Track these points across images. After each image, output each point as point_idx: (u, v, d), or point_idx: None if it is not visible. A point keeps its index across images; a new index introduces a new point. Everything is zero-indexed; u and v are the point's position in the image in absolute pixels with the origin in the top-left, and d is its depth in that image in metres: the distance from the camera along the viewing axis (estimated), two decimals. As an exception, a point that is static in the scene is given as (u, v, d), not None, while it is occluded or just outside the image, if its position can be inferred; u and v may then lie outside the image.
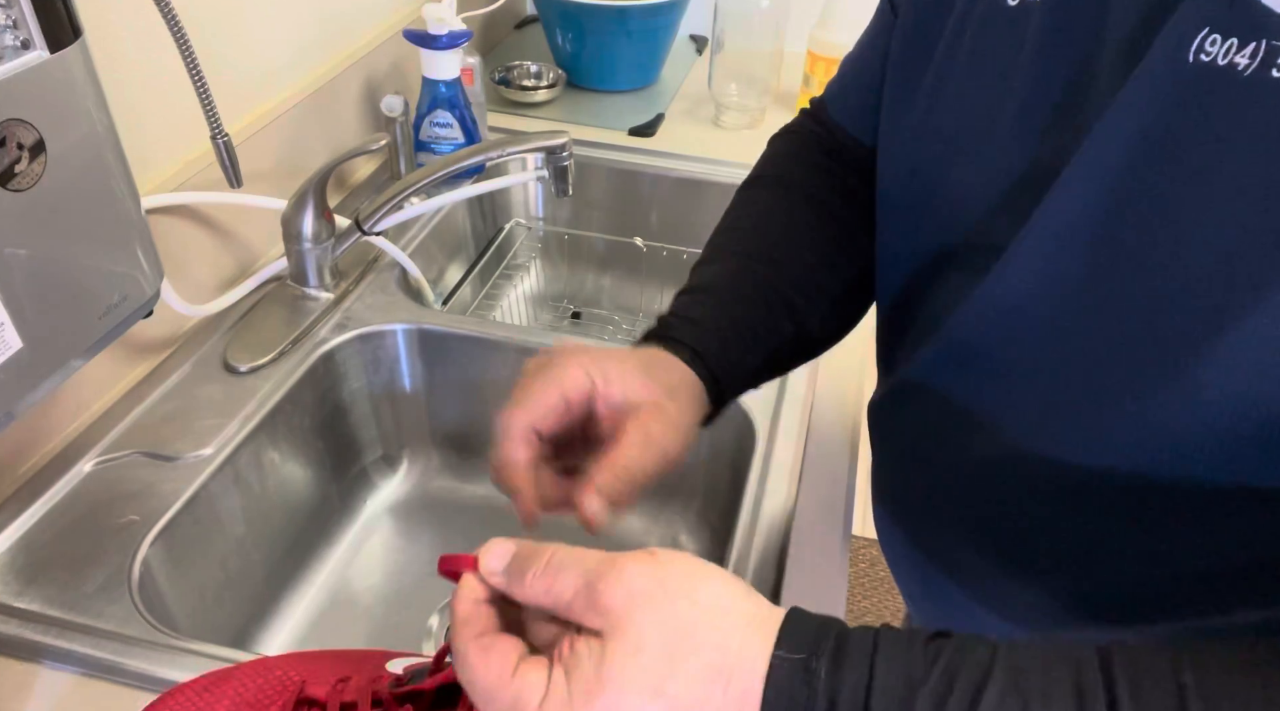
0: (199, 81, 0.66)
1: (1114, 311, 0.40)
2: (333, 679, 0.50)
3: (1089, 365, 0.41)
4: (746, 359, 0.54)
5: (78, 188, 0.54)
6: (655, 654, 0.34)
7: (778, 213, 0.60)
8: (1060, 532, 0.47)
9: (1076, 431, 0.43)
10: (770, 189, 0.62)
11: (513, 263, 1.23)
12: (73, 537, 0.66)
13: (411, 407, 0.94)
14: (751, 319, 0.55)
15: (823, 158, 0.62)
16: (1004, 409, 0.47)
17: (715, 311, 0.55)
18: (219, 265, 0.88)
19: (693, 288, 0.57)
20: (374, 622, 0.83)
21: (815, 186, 0.61)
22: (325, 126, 1.01)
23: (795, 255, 0.58)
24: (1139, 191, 0.37)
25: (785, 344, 0.56)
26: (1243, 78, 0.33)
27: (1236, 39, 0.33)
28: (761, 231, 0.59)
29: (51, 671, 0.60)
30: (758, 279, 0.56)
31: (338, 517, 0.90)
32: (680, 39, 1.44)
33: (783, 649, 0.35)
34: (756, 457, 0.77)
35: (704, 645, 0.35)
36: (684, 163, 1.17)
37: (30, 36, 0.49)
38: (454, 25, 1.02)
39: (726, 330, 0.54)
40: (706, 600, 0.36)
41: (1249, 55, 0.33)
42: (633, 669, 0.34)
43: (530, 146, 0.87)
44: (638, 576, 0.36)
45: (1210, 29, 0.34)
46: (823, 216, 0.59)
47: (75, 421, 0.74)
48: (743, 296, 0.56)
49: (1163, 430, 0.39)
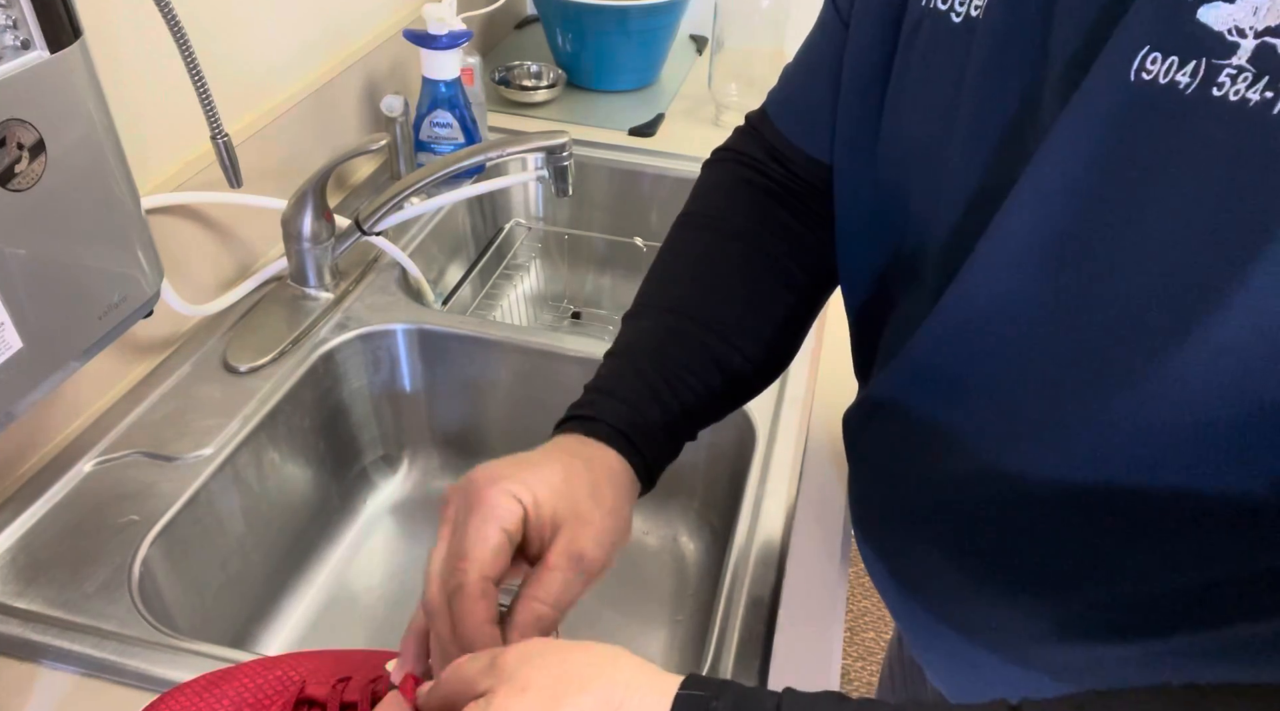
0: (199, 81, 0.66)
1: (1069, 328, 0.40)
2: (333, 679, 0.50)
3: (1050, 381, 0.41)
4: (673, 425, 0.53)
5: (78, 188, 0.54)
6: (541, 692, 0.36)
7: (706, 257, 0.59)
8: (1036, 552, 0.46)
9: (1043, 447, 0.43)
10: (700, 230, 0.61)
11: (513, 263, 1.23)
12: (73, 537, 0.66)
13: (411, 407, 0.94)
14: (676, 380, 0.54)
15: (755, 185, 0.61)
16: (969, 426, 0.47)
17: (637, 382, 0.53)
18: (219, 265, 0.88)
19: (617, 351, 0.56)
20: (374, 622, 0.83)
21: (745, 221, 0.60)
22: (325, 126, 1.01)
23: (723, 303, 0.57)
24: (1087, 210, 0.38)
25: (715, 397, 0.55)
26: (1184, 96, 0.34)
27: (1177, 58, 0.33)
28: (688, 281, 0.58)
29: (51, 671, 0.60)
30: (683, 334, 0.55)
31: (338, 517, 0.90)
32: (680, 39, 1.44)
33: (685, 689, 0.36)
34: (756, 457, 0.77)
35: (593, 682, 0.36)
36: (684, 163, 1.17)
37: (30, 36, 0.49)
38: (454, 25, 1.02)
39: (650, 401, 0.53)
40: (601, 653, 0.38)
41: (1189, 74, 0.33)
42: (518, 706, 0.35)
43: (530, 146, 0.87)
44: (536, 643, 0.39)
45: (1150, 47, 0.34)
46: (752, 254, 0.58)
47: (75, 421, 0.74)
48: (668, 357, 0.54)
49: (1126, 442, 0.40)
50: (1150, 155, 0.35)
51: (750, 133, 0.64)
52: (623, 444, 0.51)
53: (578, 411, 0.53)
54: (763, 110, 0.63)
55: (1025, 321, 0.41)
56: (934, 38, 0.45)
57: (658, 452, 0.53)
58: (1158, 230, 0.36)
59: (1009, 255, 0.41)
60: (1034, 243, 0.40)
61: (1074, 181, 0.37)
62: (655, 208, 1.19)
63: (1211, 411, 0.36)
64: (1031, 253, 0.40)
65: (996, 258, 0.41)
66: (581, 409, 0.53)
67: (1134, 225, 0.36)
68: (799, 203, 0.60)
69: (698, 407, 0.55)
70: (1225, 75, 0.33)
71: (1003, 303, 0.42)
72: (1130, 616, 0.44)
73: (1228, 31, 0.32)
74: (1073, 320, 0.40)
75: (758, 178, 0.61)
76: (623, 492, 0.50)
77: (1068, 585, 0.46)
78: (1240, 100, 0.32)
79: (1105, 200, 0.37)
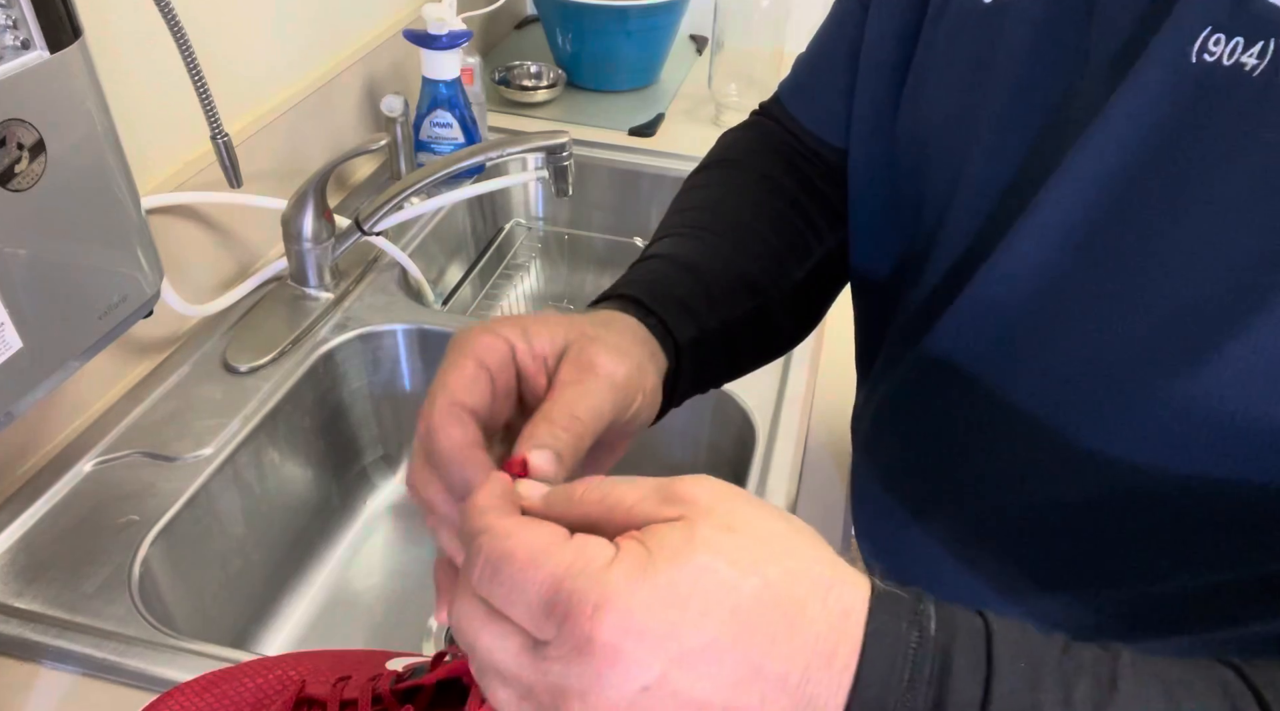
0: (199, 81, 0.66)
1: (1110, 320, 0.39)
2: (333, 677, 0.50)
3: (1087, 373, 0.40)
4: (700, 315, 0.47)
5: (78, 188, 0.54)
6: (750, 537, 0.29)
7: (734, 192, 0.55)
8: (1047, 551, 0.46)
9: (1071, 446, 0.42)
10: (725, 170, 0.57)
11: (513, 263, 1.23)
12: (73, 537, 0.66)
13: (411, 408, 0.94)
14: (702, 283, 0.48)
15: (781, 146, 0.59)
16: (988, 422, 0.46)
17: (665, 270, 0.48)
18: (219, 265, 0.88)
19: (636, 262, 0.51)
20: (374, 622, 0.83)
21: (772, 172, 0.56)
22: (325, 126, 1.01)
23: (755, 233, 0.52)
24: (1141, 195, 0.36)
25: (745, 318, 0.50)
26: (1251, 78, 0.32)
27: (1242, 38, 0.32)
28: (717, 209, 0.54)
29: (51, 671, 0.60)
30: (714, 250, 0.50)
31: (338, 517, 0.90)
32: (680, 39, 1.44)
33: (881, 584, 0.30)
34: (756, 457, 0.77)
35: (800, 549, 0.30)
36: (684, 163, 1.17)
37: (30, 36, 0.49)
38: (454, 25, 1.02)
39: (673, 285, 0.47)
40: (797, 521, 0.31)
41: (1257, 55, 0.32)
42: (728, 543, 0.28)
43: (530, 146, 0.86)
44: (718, 483, 0.30)
45: (1213, 28, 0.33)
46: (782, 199, 0.55)
47: (75, 421, 0.74)
48: (691, 265, 0.49)
49: (1158, 441, 0.39)
50: (1213, 137, 0.34)
51: (764, 116, 0.62)
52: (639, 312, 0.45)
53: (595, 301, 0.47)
54: (775, 97, 0.62)
55: (1057, 311, 0.40)
56: (960, 19, 0.44)
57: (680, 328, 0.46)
58: (1217, 217, 0.35)
59: (1046, 241, 0.39)
60: (1076, 228, 0.38)
61: (1126, 166, 0.36)
62: (655, 208, 1.19)
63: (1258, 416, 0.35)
64: (1071, 238, 0.39)
65: (1033, 243, 0.40)
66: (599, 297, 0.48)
67: (1192, 211, 0.35)
68: (820, 176, 0.58)
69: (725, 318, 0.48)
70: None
71: (1034, 290, 0.41)
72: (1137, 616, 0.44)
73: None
74: (1111, 313, 0.38)
75: (781, 141, 0.59)
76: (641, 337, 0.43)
77: (1076, 584, 0.46)
78: None
79: (1161, 184, 0.36)
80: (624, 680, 0.27)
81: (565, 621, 0.27)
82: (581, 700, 0.27)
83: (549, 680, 0.28)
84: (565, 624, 0.27)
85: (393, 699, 0.47)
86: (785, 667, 0.27)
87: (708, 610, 0.27)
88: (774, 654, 0.27)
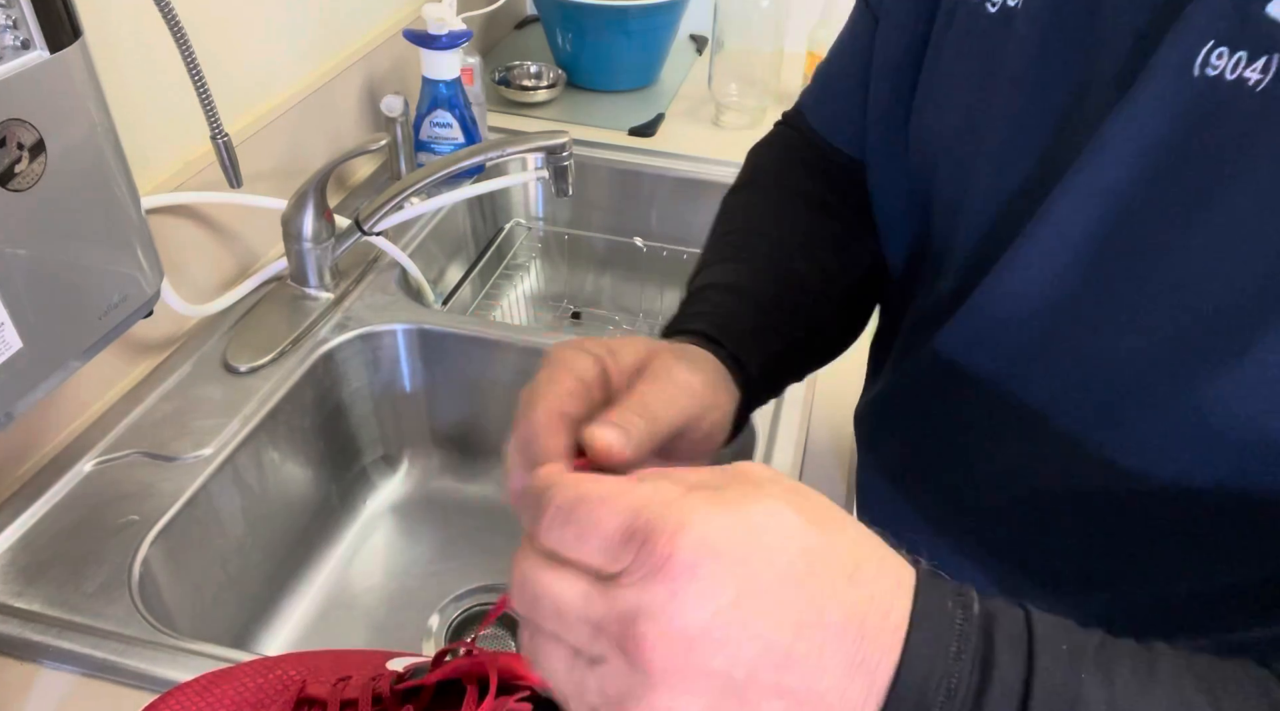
0: (199, 81, 0.66)
1: (1117, 333, 0.38)
2: (333, 678, 0.50)
3: (1087, 383, 0.40)
4: (766, 341, 0.49)
5: (78, 188, 0.54)
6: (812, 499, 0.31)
7: (772, 215, 0.57)
8: (1053, 554, 0.46)
9: (1080, 451, 0.42)
10: (763, 192, 0.59)
11: (513, 263, 1.23)
12: (73, 537, 0.66)
13: (411, 407, 0.94)
14: (762, 310, 0.50)
15: (809, 156, 0.60)
16: (996, 426, 0.46)
17: (724, 301, 0.50)
18: (219, 265, 0.88)
19: (695, 291, 0.52)
20: (374, 622, 0.83)
21: (809, 187, 0.58)
22: (325, 126, 1.01)
23: (800, 249, 0.54)
24: (1147, 209, 0.36)
25: (798, 341, 0.52)
26: (1255, 92, 0.32)
27: (1246, 52, 0.32)
28: (757, 234, 0.56)
29: (51, 671, 0.60)
30: (762, 280, 0.53)
31: (338, 517, 0.90)
32: (680, 39, 1.44)
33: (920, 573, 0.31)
34: (756, 458, 0.77)
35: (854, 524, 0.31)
36: (684, 163, 1.17)
37: (30, 36, 0.49)
38: (454, 25, 1.02)
39: (739, 319, 0.49)
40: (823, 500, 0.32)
41: (1260, 70, 0.32)
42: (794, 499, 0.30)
43: (530, 146, 0.86)
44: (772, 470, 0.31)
45: (1216, 42, 0.33)
46: (819, 217, 0.57)
47: (75, 421, 0.74)
48: (750, 292, 0.51)
49: (1163, 449, 0.39)
50: (1217, 151, 0.34)
51: (787, 127, 0.63)
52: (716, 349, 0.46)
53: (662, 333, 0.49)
54: (797, 108, 0.62)
55: (1063, 318, 0.40)
56: (967, 27, 0.44)
57: (749, 358, 0.47)
58: (1220, 233, 0.34)
59: (1054, 249, 0.39)
60: (1084, 238, 0.38)
61: (1133, 176, 0.36)
62: (655, 208, 1.19)
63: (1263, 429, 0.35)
64: (1080, 247, 0.39)
65: (1041, 251, 0.40)
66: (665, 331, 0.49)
67: (1197, 223, 0.35)
68: (848, 187, 0.58)
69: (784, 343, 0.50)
70: None
71: (1042, 298, 0.40)
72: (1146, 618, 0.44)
73: None
74: (1118, 322, 0.38)
75: (808, 154, 0.60)
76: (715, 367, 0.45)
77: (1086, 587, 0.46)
78: None
79: (1166, 196, 0.36)
80: (699, 598, 0.27)
81: (645, 543, 0.28)
82: (653, 620, 0.27)
83: (620, 607, 0.28)
84: (645, 546, 0.28)
85: (393, 699, 0.47)
86: (845, 617, 0.28)
87: (780, 545, 0.28)
88: (838, 601, 0.28)
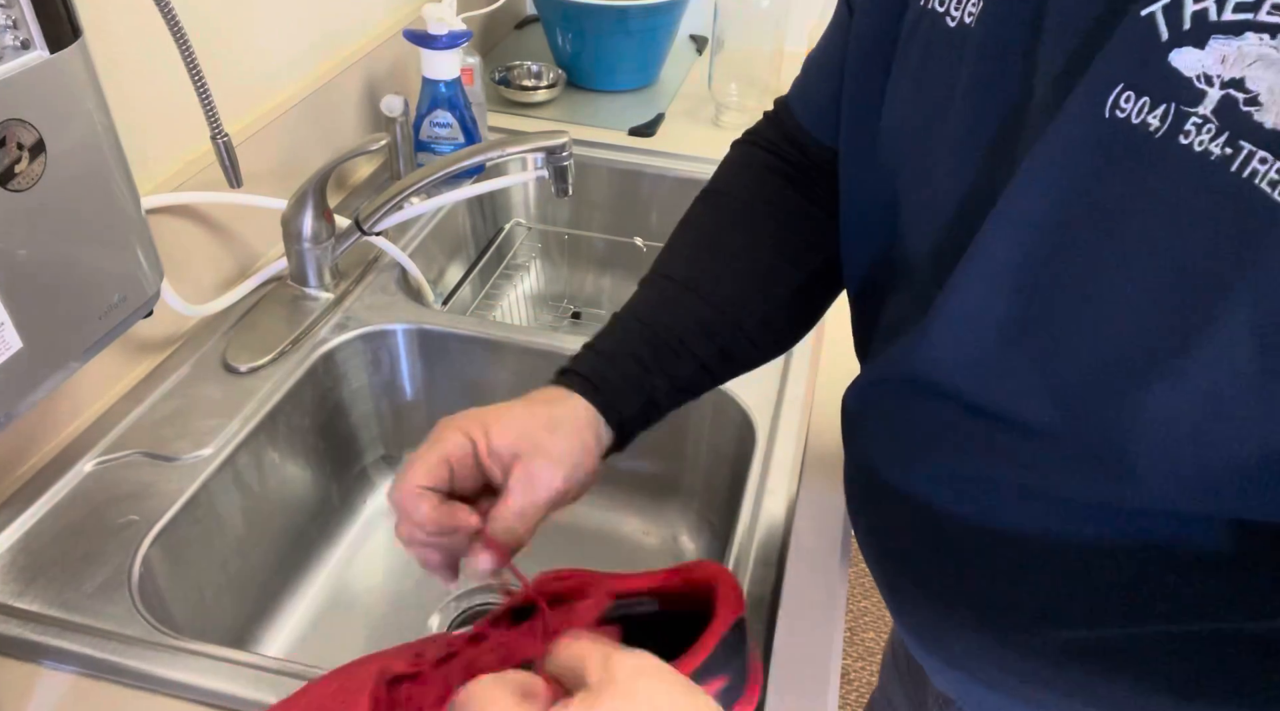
0: (199, 81, 0.66)
1: (1065, 350, 0.39)
2: (409, 653, 0.51)
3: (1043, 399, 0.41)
4: (646, 382, 0.55)
5: (78, 188, 0.54)
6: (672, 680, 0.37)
7: (713, 230, 0.61)
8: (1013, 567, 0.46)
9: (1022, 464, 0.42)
10: (711, 205, 0.62)
11: (513, 263, 1.23)
12: (73, 537, 0.66)
13: (412, 408, 0.94)
14: (662, 343, 0.56)
15: (770, 167, 0.62)
16: (950, 441, 0.46)
17: (622, 340, 0.56)
18: (219, 265, 0.88)
19: (617, 313, 0.59)
20: (374, 622, 0.83)
21: (754, 198, 0.61)
22: (325, 126, 1.01)
23: (723, 275, 0.58)
24: (1063, 241, 0.37)
25: (702, 367, 0.57)
26: (1154, 139, 0.33)
27: (1149, 99, 0.33)
28: (693, 252, 0.60)
29: (51, 671, 0.60)
30: (678, 302, 0.57)
31: (338, 517, 0.90)
32: (680, 39, 1.44)
33: None
34: (756, 457, 0.77)
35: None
36: (684, 163, 1.17)
37: (30, 36, 0.49)
38: (454, 25, 1.02)
39: (629, 357, 0.56)
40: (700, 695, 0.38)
41: (1159, 118, 0.33)
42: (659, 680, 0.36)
43: (530, 146, 0.87)
44: (647, 662, 0.37)
45: (1124, 86, 0.33)
46: (758, 230, 0.60)
47: (75, 421, 0.74)
48: (659, 323, 0.57)
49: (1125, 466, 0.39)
50: (1121, 192, 0.34)
51: (773, 118, 0.65)
52: (590, 392, 0.54)
53: (563, 365, 0.57)
54: (785, 98, 0.65)
55: (995, 346, 0.41)
56: (930, 37, 0.45)
57: (625, 404, 0.55)
58: (1128, 271, 0.35)
59: (985, 276, 0.40)
60: (1009, 268, 0.39)
61: (1049, 209, 0.37)
62: (655, 208, 1.19)
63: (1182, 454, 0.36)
64: (1006, 277, 0.39)
65: (974, 277, 0.41)
66: (566, 363, 0.57)
67: (1103, 263, 0.36)
68: (813, 185, 0.61)
69: (683, 374, 0.57)
70: (1191, 123, 0.32)
71: (978, 325, 0.41)
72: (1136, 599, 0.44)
73: (1196, 78, 0.31)
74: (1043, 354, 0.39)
75: (774, 160, 0.62)
76: (583, 430, 0.53)
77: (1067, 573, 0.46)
78: (1203, 152, 0.32)
79: (1078, 233, 0.36)
80: None
81: None
82: None
83: None
84: None
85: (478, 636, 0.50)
86: None
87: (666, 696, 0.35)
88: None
